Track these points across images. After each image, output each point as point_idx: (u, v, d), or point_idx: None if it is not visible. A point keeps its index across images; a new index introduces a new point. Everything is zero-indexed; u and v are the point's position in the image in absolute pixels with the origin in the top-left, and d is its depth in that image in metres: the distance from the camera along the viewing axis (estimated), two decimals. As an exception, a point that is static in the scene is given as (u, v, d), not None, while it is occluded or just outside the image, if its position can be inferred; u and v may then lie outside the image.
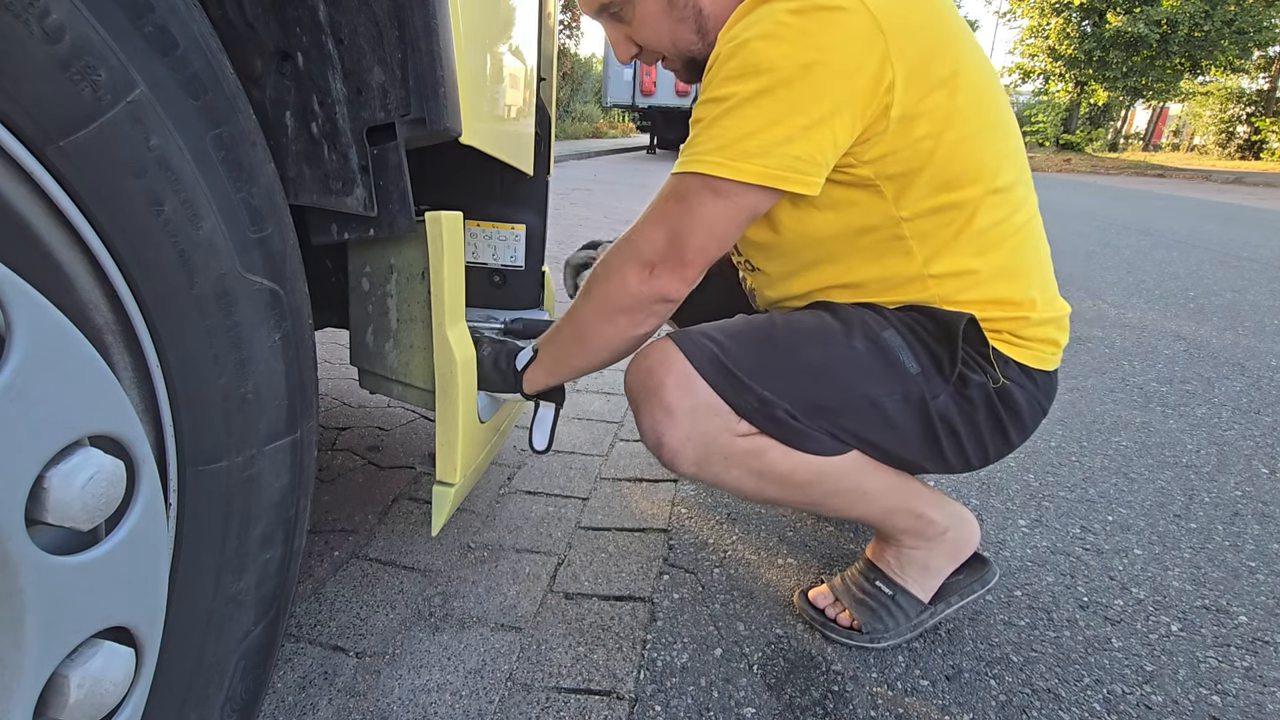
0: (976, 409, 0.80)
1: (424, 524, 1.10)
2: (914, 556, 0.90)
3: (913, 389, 0.78)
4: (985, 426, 0.81)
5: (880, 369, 0.78)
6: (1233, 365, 2.10)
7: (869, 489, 0.84)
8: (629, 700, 0.79)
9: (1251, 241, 4.76)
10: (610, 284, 0.76)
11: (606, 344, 0.80)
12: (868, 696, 0.81)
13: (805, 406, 0.77)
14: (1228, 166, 16.78)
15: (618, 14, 0.83)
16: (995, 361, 0.79)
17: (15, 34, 0.32)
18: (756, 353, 0.78)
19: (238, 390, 0.46)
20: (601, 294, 0.77)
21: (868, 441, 0.81)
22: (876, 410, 0.78)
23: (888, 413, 0.78)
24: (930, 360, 0.78)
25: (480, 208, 1.01)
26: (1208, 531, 1.18)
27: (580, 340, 0.81)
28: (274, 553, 0.52)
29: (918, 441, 0.81)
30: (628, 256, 0.75)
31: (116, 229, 0.38)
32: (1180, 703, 0.81)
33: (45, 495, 0.34)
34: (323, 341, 1.83)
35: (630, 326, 0.78)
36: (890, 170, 0.74)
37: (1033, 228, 0.81)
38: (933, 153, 0.72)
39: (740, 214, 0.72)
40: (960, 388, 0.78)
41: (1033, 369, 0.81)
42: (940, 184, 0.74)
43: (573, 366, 0.83)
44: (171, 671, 0.46)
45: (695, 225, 0.71)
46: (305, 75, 0.56)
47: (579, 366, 0.83)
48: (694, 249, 0.72)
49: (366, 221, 0.62)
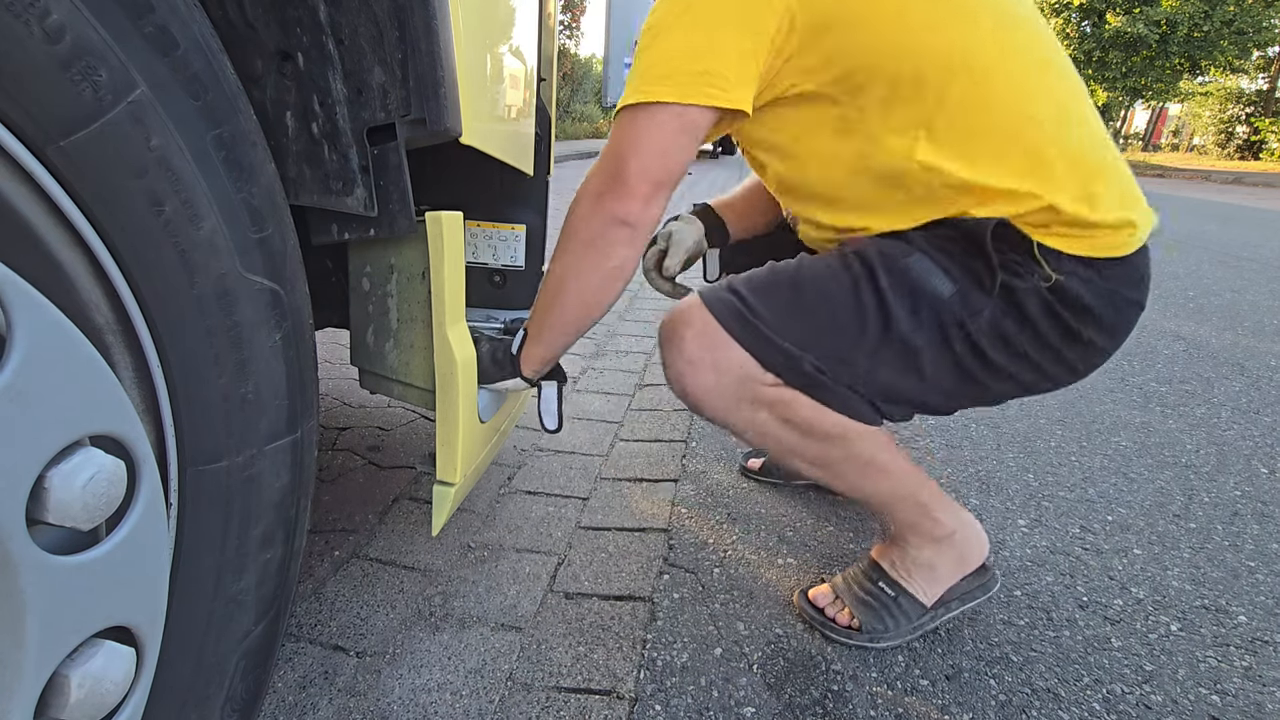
0: (1032, 316, 0.76)
1: (424, 524, 1.10)
2: (919, 558, 0.90)
3: (948, 315, 0.76)
4: (1050, 333, 0.77)
5: (907, 307, 0.77)
6: (1232, 365, 2.10)
7: (885, 463, 0.85)
8: (629, 700, 0.79)
9: (1251, 241, 4.76)
10: (569, 225, 0.80)
11: (583, 286, 0.80)
12: (867, 696, 0.81)
13: (832, 360, 0.79)
14: (1227, 167, 16.79)
15: None
16: (1043, 259, 0.74)
17: (16, 34, 0.32)
18: (780, 305, 0.79)
19: (238, 390, 0.46)
20: (565, 240, 0.80)
21: (900, 396, 0.82)
22: (908, 353, 0.78)
23: (919, 352, 0.78)
24: (966, 276, 0.76)
25: (480, 208, 1.01)
26: (1207, 531, 1.18)
27: (559, 293, 0.81)
28: (274, 552, 0.52)
29: (963, 373, 0.79)
30: (579, 195, 0.79)
31: (117, 229, 0.38)
32: (1180, 702, 0.81)
33: (46, 495, 0.34)
34: (323, 341, 1.83)
35: (598, 258, 0.78)
36: (831, 76, 0.75)
37: (1063, 112, 0.76)
38: (864, 49, 0.73)
39: (668, 133, 0.75)
40: (1007, 297, 0.75)
41: (1098, 258, 0.75)
42: (890, 79, 0.73)
43: (561, 328, 0.83)
44: (172, 671, 0.46)
45: (629, 149, 0.76)
46: (306, 75, 0.56)
47: (566, 325, 0.83)
48: (633, 171, 0.75)
49: (367, 221, 0.63)
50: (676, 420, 1.56)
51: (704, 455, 1.40)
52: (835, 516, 1.19)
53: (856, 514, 1.20)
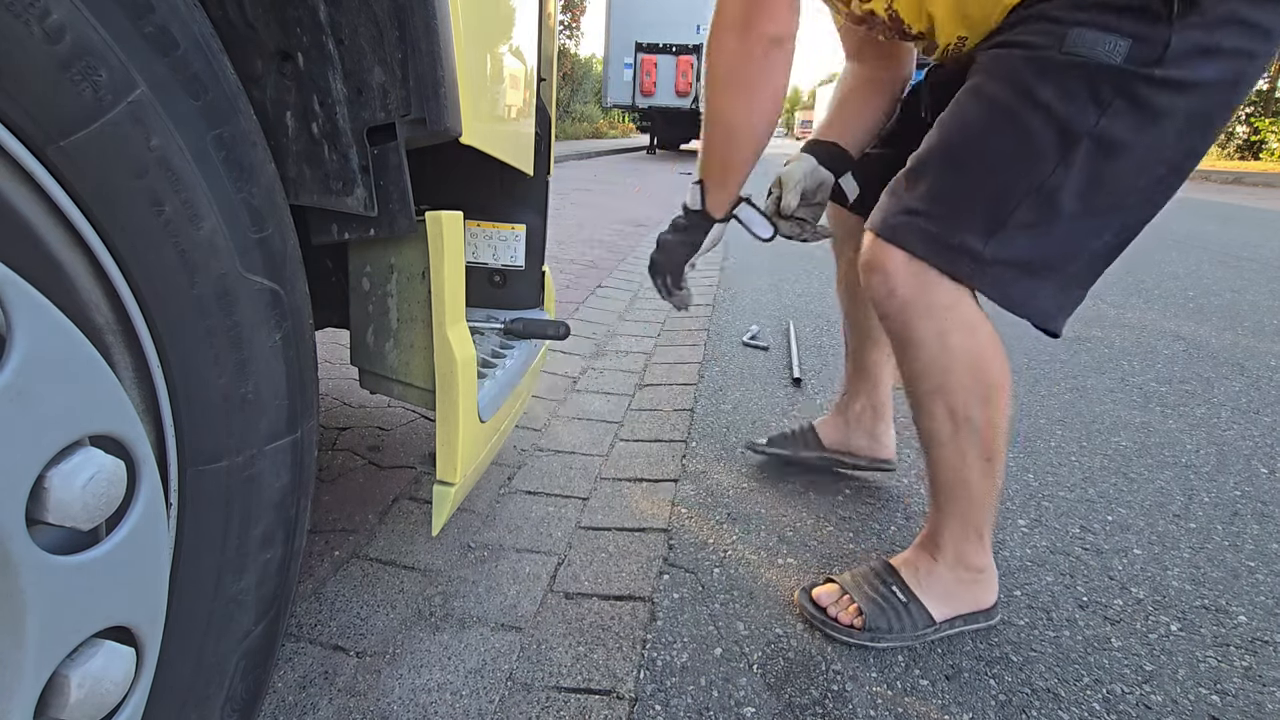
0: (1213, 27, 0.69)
1: (424, 524, 1.11)
2: (944, 578, 0.90)
3: (1125, 83, 0.69)
4: (1186, 115, 0.72)
5: (1085, 97, 0.71)
6: (1232, 365, 2.10)
7: (997, 470, 0.86)
8: (629, 700, 0.79)
9: (1251, 241, 4.76)
10: (720, 62, 0.82)
11: (755, 119, 0.85)
12: (867, 696, 0.81)
13: (1010, 240, 0.76)
14: (1227, 166, 16.77)
15: None
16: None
17: (16, 34, 0.32)
18: (952, 195, 0.78)
19: (238, 390, 0.46)
20: (722, 78, 0.83)
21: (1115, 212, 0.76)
22: (1109, 150, 0.72)
23: (1120, 147, 0.72)
24: (1131, 17, 0.69)
25: (480, 208, 1.01)
26: (1207, 531, 1.18)
27: (731, 134, 0.86)
28: (274, 552, 0.52)
29: (1178, 134, 0.72)
30: (719, 31, 0.81)
31: (117, 229, 0.38)
32: (1180, 702, 0.81)
33: (46, 495, 0.34)
34: (323, 341, 1.83)
35: (764, 86, 0.82)
36: None
37: None
38: None
39: None
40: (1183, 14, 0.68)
41: None
42: None
43: (740, 164, 0.88)
44: (172, 671, 0.46)
45: None
46: (306, 75, 0.56)
47: (746, 159, 0.88)
48: None
49: (367, 221, 0.62)
50: (676, 420, 1.56)
51: (704, 455, 1.40)
52: (835, 516, 1.19)
53: (856, 514, 1.20)
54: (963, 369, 0.81)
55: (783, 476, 1.32)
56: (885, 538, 1.13)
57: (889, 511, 1.21)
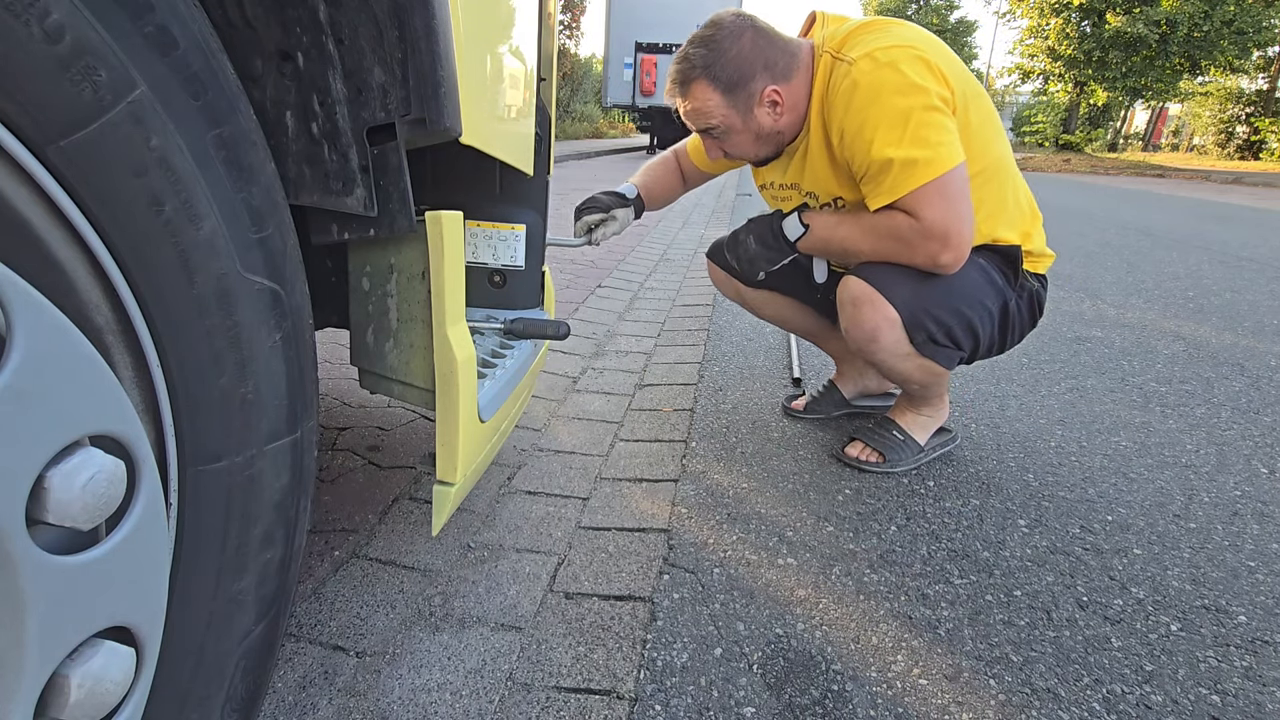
0: (1026, 304, 1.29)
1: (424, 524, 1.11)
2: (919, 421, 1.40)
3: (1007, 296, 1.25)
4: (1029, 314, 1.30)
5: (998, 287, 1.25)
6: (1232, 365, 2.10)
7: (946, 380, 1.38)
8: (629, 700, 0.79)
9: (1250, 241, 4.76)
10: (918, 245, 1.13)
11: (876, 257, 1.20)
12: (868, 696, 0.81)
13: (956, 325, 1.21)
14: (1227, 167, 16.78)
15: (717, 136, 1.25)
16: (1028, 275, 1.28)
17: (15, 34, 0.32)
18: (938, 301, 1.19)
19: (238, 390, 0.46)
20: (892, 241, 1.16)
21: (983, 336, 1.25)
22: (988, 314, 1.24)
23: (993, 314, 1.24)
24: (1003, 276, 1.25)
25: (480, 208, 1.01)
26: (1207, 531, 1.18)
27: (858, 248, 1.21)
28: (274, 552, 0.52)
29: (1004, 329, 1.27)
30: (935, 232, 1.11)
31: (117, 229, 0.38)
32: (1180, 702, 0.81)
33: (46, 495, 0.34)
34: (323, 341, 1.83)
35: (905, 256, 1.17)
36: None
37: (1023, 189, 1.29)
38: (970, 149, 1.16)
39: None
40: (1020, 292, 1.27)
41: (1042, 274, 1.32)
42: (972, 155, 1.16)
43: (838, 253, 1.27)
44: (172, 671, 0.46)
45: (954, 219, 1.12)
46: (305, 75, 0.56)
47: (840, 253, 1.27)
48: (963, 238, 1.13)
49: (367, 221, 0.62)
50: (676, 420, 1.56)
51: (704, 455, 1.40)
52: (835, 516, 1.19)
53: (856, 514, 1.20)
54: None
55: (783, 476, 1.32)
56: (885, 538, 1.13)
57: (889, 511, 1.21)
